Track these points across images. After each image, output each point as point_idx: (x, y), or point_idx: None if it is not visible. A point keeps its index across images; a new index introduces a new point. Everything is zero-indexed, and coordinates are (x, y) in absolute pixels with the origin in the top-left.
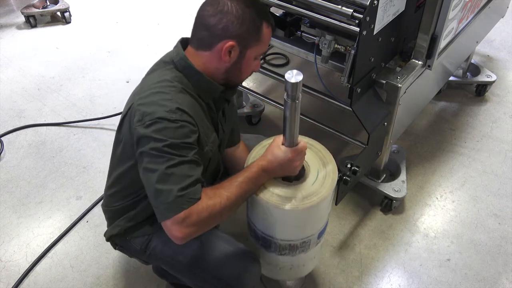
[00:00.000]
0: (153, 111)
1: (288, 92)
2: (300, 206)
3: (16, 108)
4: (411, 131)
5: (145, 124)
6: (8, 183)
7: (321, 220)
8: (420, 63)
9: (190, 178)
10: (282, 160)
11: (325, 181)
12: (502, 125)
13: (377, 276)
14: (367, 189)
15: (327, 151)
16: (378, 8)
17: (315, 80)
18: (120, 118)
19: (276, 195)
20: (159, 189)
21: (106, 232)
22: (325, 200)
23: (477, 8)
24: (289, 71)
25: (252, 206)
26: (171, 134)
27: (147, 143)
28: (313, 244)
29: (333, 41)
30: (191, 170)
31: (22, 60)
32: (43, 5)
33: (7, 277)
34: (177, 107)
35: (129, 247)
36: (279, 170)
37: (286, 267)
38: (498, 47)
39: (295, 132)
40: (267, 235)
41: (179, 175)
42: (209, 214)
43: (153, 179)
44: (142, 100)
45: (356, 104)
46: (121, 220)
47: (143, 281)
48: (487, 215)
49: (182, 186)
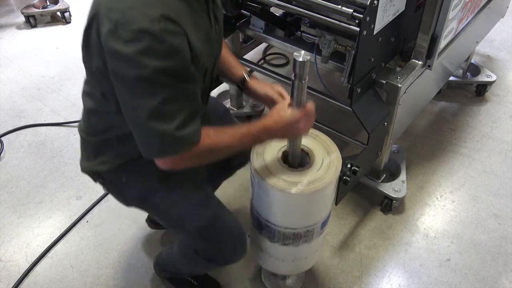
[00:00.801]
0: (129, 20)
1: (296, 71)
2: (305, 190)
3: (16, 108)
4: (411, 131)
5: (120, 37)
6: (8, 183)
7: (324, 208)
8: (420, 63)
9: (188, 112)
10: (288, 120)
11: (330, 168)
12: (502, 125)
13: (377, 276)
14: (367, 189)
15: (331, 141)
16: (378, 8)
17: (315, 80)
18: (82, 33)
19: (282, 180)
20: (152, 127)
21: (87, 165)
22: (330, 186)
23: (477, 8)
24: (297, 51)
25: (257, 192)
26: (159, 55)
27: (129, 68)
28: (316, 234)
29: (333, 41)
30: (188, 101)
31: (22, 60)
32: (43, 5)
33: (7, 277)
34: (161, 14)
35: (120, 188)
36: (283, 132)
37: (289, 259)
38: (498, 47)
39: (303, 96)
40: (271, 223)
41: (174, 110)
42: (205, 155)
43: (143, 116)
44: (112, 3)
45: (356, 104)
46: (112, 155)
47: (143, 281)
48: (487, 215)
49: (179, 123)
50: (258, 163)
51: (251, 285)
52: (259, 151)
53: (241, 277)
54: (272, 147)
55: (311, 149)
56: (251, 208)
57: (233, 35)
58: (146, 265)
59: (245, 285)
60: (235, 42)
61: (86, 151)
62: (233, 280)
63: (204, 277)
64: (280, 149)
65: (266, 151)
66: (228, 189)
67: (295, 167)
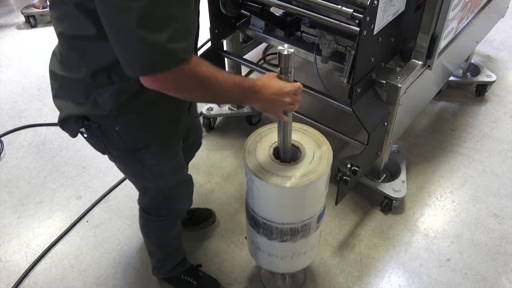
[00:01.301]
0: None
1: (282, 65)
2: (300, 183)
3: (16, 108)
4: (411, 131)
5: None
6: (8, 183)
7: (319, 200)
8: (420, 63)
9: (180, 24)
10: (278, 89)
11: (321, 161)
12: (502, 125)
13: (377, 276)
14: (367, 189)
15: (321, 134)
16: (378, 8)
17: (315, 80)
18: None
19: (276, 175)
20: (141, 37)
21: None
22: (323, 178)
23: (477, 8)
24: (281, 45)
25: (252, 190)
26: None
27: None
28: (313, 228)
29: (333, 41)
30: (182, 8)
31: (22, 60)
32: (43, 5)
33: (7, 277)
34: None
35: (108, 135)
36: (270, 100)
37: (288, 256)
38: (498, 47)
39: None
40: (268, 220)
41: (165, 16)
42: (195, 83)
43: (131, 22)
44: None
45: (356, 104)
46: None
47: (143, 281)
48: (487, 215)
49: (171, 34)
50: (250, 161)
51: (251, 285)
52: (250, 149)
53: (241, 277)
54: (263, 144)
55: (302, 143)
56: (247, 207)
57: (233, 35)
58: (146, 265)
59: (245, 285)
60: (235, 42)
61: (72, 93)
62: (233, 280)
63: (204, 277)
64: (271, 146)
65: (257, 149)
66: (228, 189)
67: (287, 162)
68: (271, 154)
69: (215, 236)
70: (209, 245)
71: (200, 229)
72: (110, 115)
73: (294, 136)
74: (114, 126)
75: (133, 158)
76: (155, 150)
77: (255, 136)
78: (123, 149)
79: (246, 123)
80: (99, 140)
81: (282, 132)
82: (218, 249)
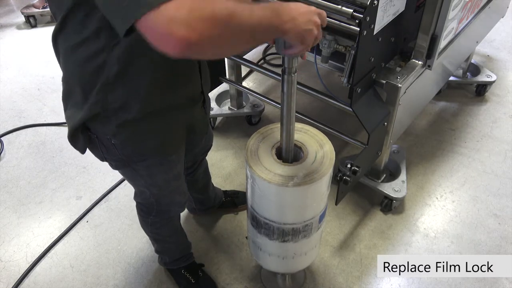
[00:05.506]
0: None
1: (285, 65)
2: (302, 183)
3: (16, 108)
4: (411, 131)
5: None
6: (8, 183)
7: (321, 201)
8: (420, 63)
9: None
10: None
11: (324, 161)
12: (502, 125)
13: (377, 276)
14: (367, 189)
15: (323, 135)
16: (378, 8)
17: (315, 80)
18: None
19: (278, 175)
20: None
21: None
22: (325, 178)
23: (477, 8)
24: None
25: (254, 190)
26: None
27: None
28: (315, 228)
29: (333, 41)
30: None
31: (22, 60)
32: (43, 5)
33: (7, 277)
34: None
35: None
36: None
37: (289, 256)
38: (498, 47)
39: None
40: (269, 220)
41: None
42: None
43: None
44: None
45: (356, 104)
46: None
47: (143, 281)
48: (487, 215)
49: None
50: (253, 161)
51: (251, 285)
52: (253, 149)
53: (241, 277)
54: (266, 144)
55: (304, 143)
56: (248, 208)
57: None
58: (146, 265)
59: (245, 285)
60: None
61: (73, 99)
62: (233, 280)
63: (203, 277)
64: (274, 146)
65: (260, 149)
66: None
67: (289, 162)
68: (274, 154)
69: (215, 236)
70: (209, 245)
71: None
72: (111, 126)
73: (297, 136)
74: (111, 140)
75: (129, 168)
76: (151, 162)
77: (258, 136)
78: (120, 159)
79: (246, 123)
80: (98, 150)
81: (285, 132)
82: (218, 249)
